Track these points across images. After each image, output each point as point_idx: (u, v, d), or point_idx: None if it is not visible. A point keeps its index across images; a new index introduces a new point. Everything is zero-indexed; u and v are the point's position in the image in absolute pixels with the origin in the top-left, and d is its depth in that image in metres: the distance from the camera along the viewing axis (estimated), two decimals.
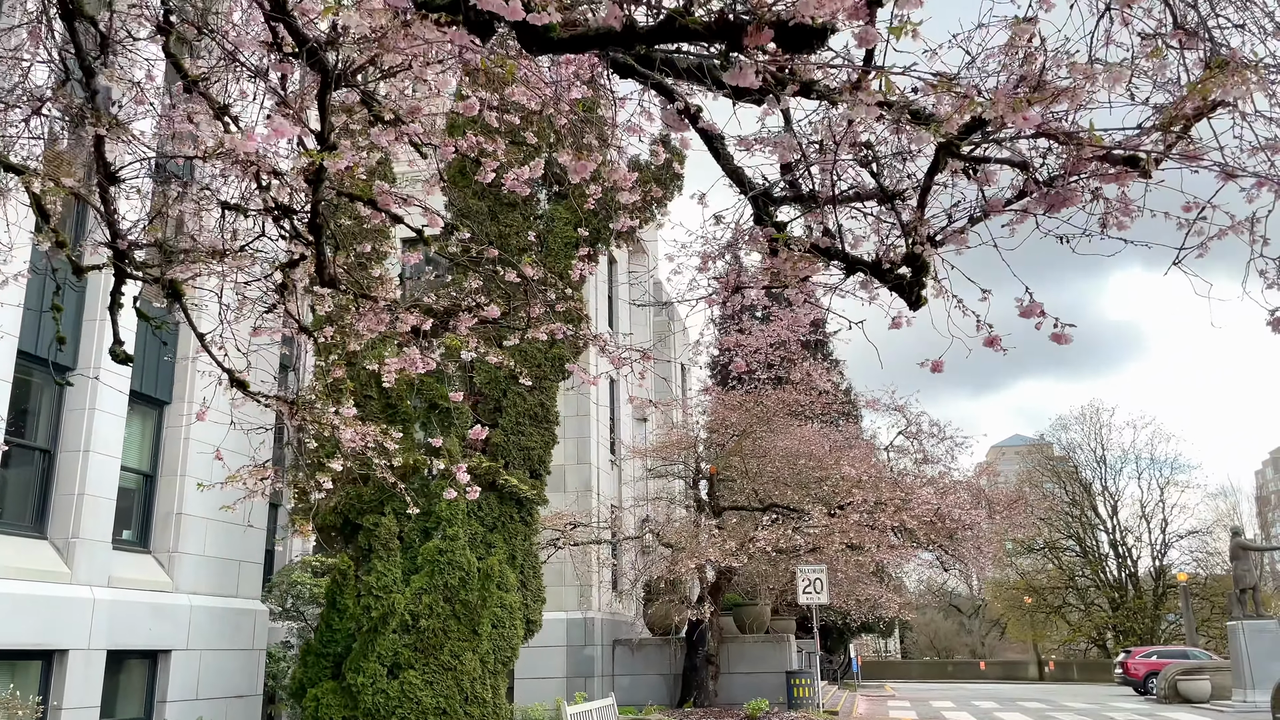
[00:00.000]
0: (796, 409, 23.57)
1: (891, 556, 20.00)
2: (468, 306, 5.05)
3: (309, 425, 5.27)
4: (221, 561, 15.86)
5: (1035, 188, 3.32)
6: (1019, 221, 3.46)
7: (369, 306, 4.76)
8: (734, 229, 4.60)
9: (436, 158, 4.47)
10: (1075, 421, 65.84)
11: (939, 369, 5.49)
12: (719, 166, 3.91)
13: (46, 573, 12.65)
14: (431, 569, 14.30)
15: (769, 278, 5.53)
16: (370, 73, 4.40)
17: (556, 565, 21.19)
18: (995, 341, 5.02)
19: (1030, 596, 63.53)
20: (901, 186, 3.70)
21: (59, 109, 4.78)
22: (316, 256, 4.54)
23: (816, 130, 3.90)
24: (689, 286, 5.29)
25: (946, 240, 3.53)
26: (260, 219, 4.83)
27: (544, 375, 16.01)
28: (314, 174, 4.42)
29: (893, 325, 6.09)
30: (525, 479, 15.57)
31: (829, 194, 3.65)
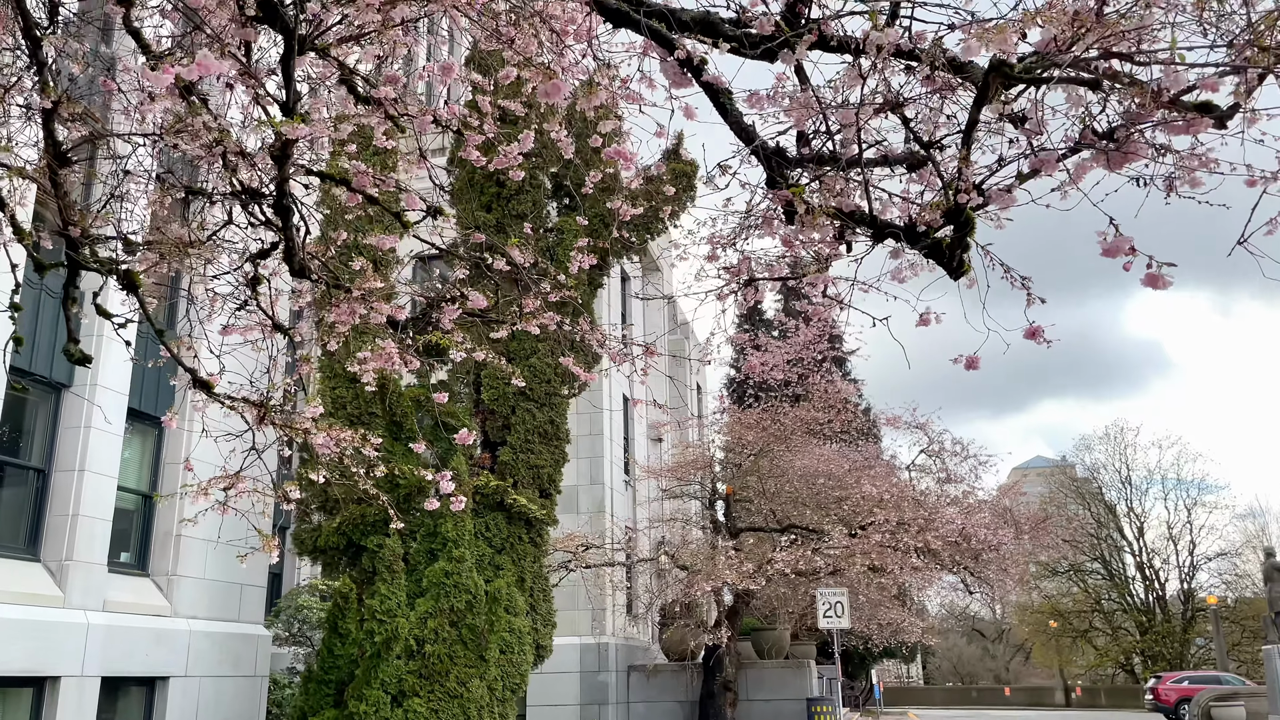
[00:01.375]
0: (815, 427, 23.01)
1: (915, 579, 19.35)
2: (451, 296, 4.59)
3: (282, 431, 4.82)
4: (223, 585, 15.42)
5: (1094, 139, 2.84)
6: (1076, 179, 2.98)
7: (342, 298, 4.32)
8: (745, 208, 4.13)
9: (415, 129, 4.03)
10: (1099, 441, 64.89)
11: (975, 365, 4.99)
12: (727, 126, 3.46)
13: (38, 596, 12.23)
14: (437, 592, 13.79)
15: (784, 267, 5.05)
16: (340, 34, 3.96)
17: (569, 589, 20.64)
18: (1037, 332, 4.52)
19: (1055, 620, 62.34)
20: (940, 134, 3.23)
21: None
22: (285, 242, 4.11)
23: (837, 90, 3.44)
24: (696, 278, 4.82)
25: (991, 200, 3.06)
26: (227, 205, 4.41)
27: (554, 391, 15.54)
28: (279, 149, 3.98)
29: (920, 322, 5.60)
30: (534, 498, 15.07)
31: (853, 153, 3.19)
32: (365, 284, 4.26)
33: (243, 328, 4.82)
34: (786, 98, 3.23)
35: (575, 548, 19.45)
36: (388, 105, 3.85)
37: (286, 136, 3.50)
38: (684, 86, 3.39)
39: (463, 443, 5.26)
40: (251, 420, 4.67)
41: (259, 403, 4.63)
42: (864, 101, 3.05)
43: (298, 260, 4.15)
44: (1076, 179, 2.98)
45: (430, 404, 15.13)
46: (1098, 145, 2.84)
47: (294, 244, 4.11)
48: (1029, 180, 3.02)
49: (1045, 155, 2.90)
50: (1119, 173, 2.86)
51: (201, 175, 4.40)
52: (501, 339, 5.44)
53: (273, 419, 4.66)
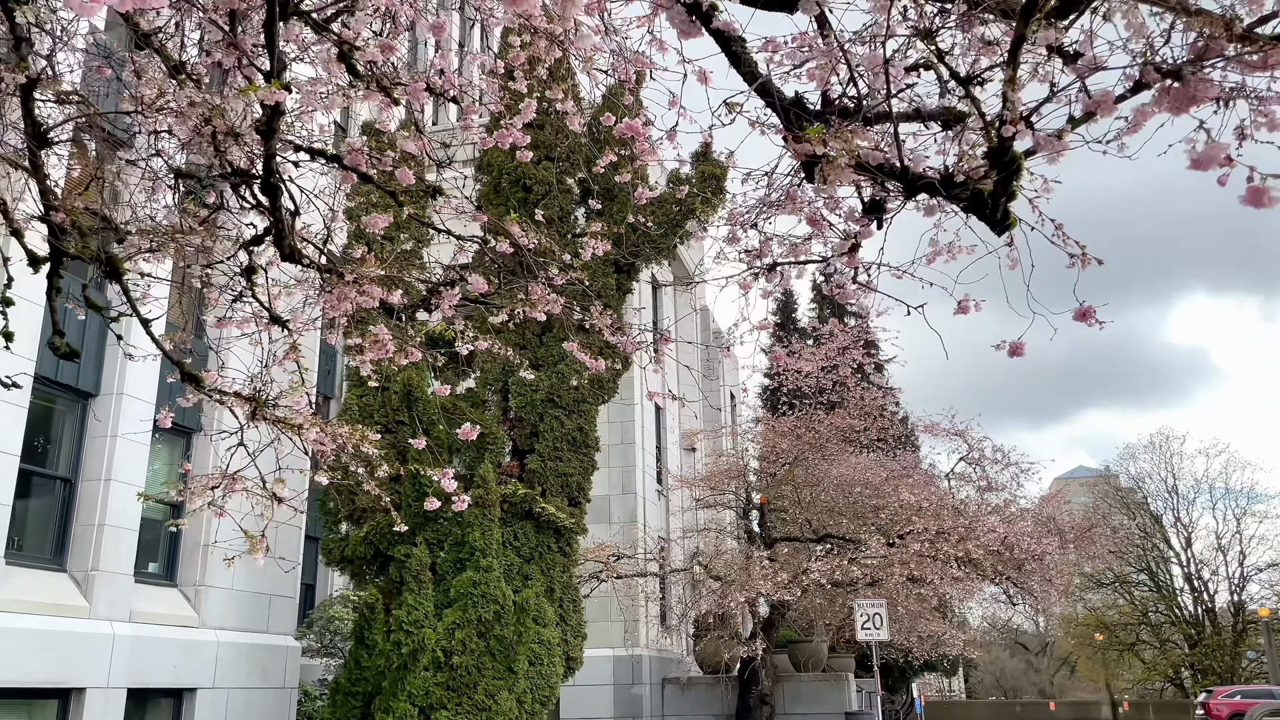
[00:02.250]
0: (850, 435, 22.53)
1: (955, 589, 18.79)
2: (449, 280, 4.31)
3: (274, 428, 4.57)
4: (252, 595, 15.27)
5: (1157, 76, 2.50)
6: (1135, 126, 2.64)
7: (333, 283, 4.06)
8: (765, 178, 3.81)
9: (407, 98, 3.77)
10: (1144, 450, 63.43)
11: (1019, 351, 4.63)
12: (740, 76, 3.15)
13: (64, 607, 12.13)
14: (465, 602, 13.53)
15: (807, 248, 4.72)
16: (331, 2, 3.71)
17: (601, 600, 20.31)
18: (1089, 313, 4.16)
19: (1101, 633, 60.91)
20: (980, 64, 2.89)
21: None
22: (274, 225, 3.86)
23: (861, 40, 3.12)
24: (715, 260, 4.51)
25: (1039, 147, 2.72)
26: (218, 189, 4.16)
27: (582, 398, 15.26)
28: (265, 122, 3.72)
29: (959, 310, 5.24)
30: (563, 507, 14.78)
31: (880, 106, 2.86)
32: (363, 269, 3.99)
33: (238, 320, 4.58)
34: (808, 46, 2.92)
35: (606, 558, 19.12)
36: (379, 72, 3.59)
37: (267, 101, 3.25)
38: (693, 36, 3.09)
39: (465, 438, 4.95)
40: (242, 416, 4.43)
41: (250, 397, 4.38)
42: (890, 31, 2.73)
43: (288, 244, 3.90)
44: (1135, 126, 2.64)
45: (458, 411, 14.91)
46: (1160, 84, 2.50)
47: (284, 226, 3.85)
48: (1083, 125, 2.68)
49: (1101, 95, 2.56)
50: (1189, 114, 2.51)
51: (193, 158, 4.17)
52: (505, 326, 5.13)
53: (264, 414, 4.42)
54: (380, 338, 4.24)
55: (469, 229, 4.14)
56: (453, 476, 14.70)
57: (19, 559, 12.02)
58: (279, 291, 4.61)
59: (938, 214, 3.34)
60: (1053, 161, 2.75)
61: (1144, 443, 65.82)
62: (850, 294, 4.60)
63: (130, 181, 4.27)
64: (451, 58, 4.05)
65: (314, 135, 4.63)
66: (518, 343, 15.68)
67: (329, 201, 4.29)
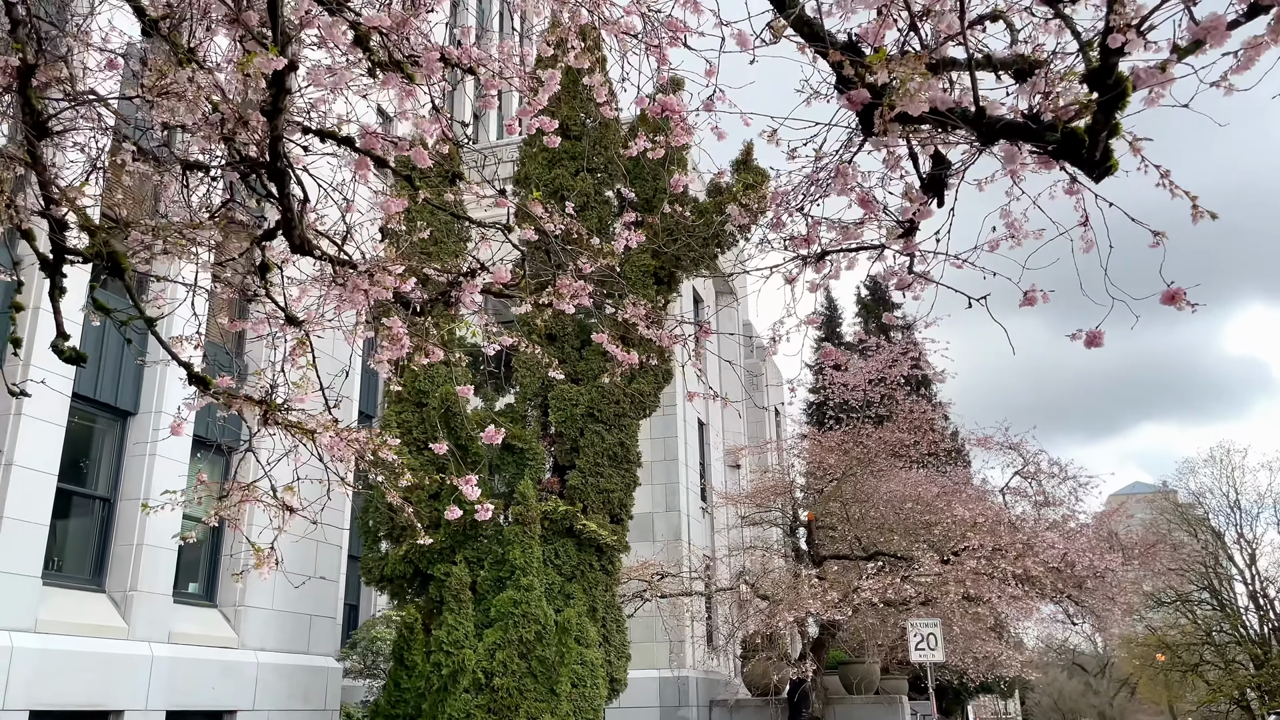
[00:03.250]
0: (899, 449, 21.94)
1: (1013, 609, 18.09)
2: (469, 270, 4.01)
3: (286, 433, 4.29)
4: (292, 616, 15.10)
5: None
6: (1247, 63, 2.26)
7: (345, 276, 3.77)
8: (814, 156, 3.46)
9: (423, 78, 3.48)
10: (1204, 464, 61.60)
11: (1097, 341, 4.22)
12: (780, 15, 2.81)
13: (102, 628, 12.01)
14: (506, 622, 13.21)
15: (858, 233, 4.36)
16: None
17: (645, 620, 19.89)
18: (1178, 296, 3.75)
19: (1163, 653, 59.04)
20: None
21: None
22: (283, 214, 3.59)
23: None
24: (758, 249, 4.16)
25: (1139, 81, 2.34)
26: (227, 179, 3.91)
27: (623, 412, 14.93)
28: (270, 102, 3.45)
29: (1025, 302, 4.85)
30: (605, 524, 14.43)
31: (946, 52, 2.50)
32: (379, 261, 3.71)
33: (254, 322, 4.31)
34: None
35: (650, 576, 18.71)
36: (390, 43, 3.31)
37: (265, 70, 2.97)
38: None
39: (489, 441, 4.64)
40: (254, 420, 4.16)
41: (261, 401, 4.11)
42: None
43: (298, 235, 3.63)
44: (1247, 62, 2.26)
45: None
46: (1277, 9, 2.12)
47: (292, 215, 3.58)
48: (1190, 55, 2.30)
49: (1211, 20, 2.19)
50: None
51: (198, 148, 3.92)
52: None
53: (275, 418, 4.14)
54: (395, 333, 3.94)
55: (490, 216, 3.85)
56: (493, 494, 14.41)
57: (58, 579, 11.93)
58: (299, 294, 4.34)
59: (1016, 165, 2.95)
60: (1153, 99, 2.36)
61: (1203, 457, 63.99)
62: (906, 281, 4.23)
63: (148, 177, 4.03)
64: (470, 33, 3.76)
65: (332, 124, 4.36)
66: (558, 356, 15.40)
67: (345, 192, 4.03)
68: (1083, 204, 4.17)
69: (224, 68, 3.92)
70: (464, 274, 3.99)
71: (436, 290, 4.09)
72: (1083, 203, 4.17)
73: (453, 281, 3.96)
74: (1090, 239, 4.34)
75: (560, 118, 16.24)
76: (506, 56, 3.98)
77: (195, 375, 4.21)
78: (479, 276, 3.93)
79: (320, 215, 4.22)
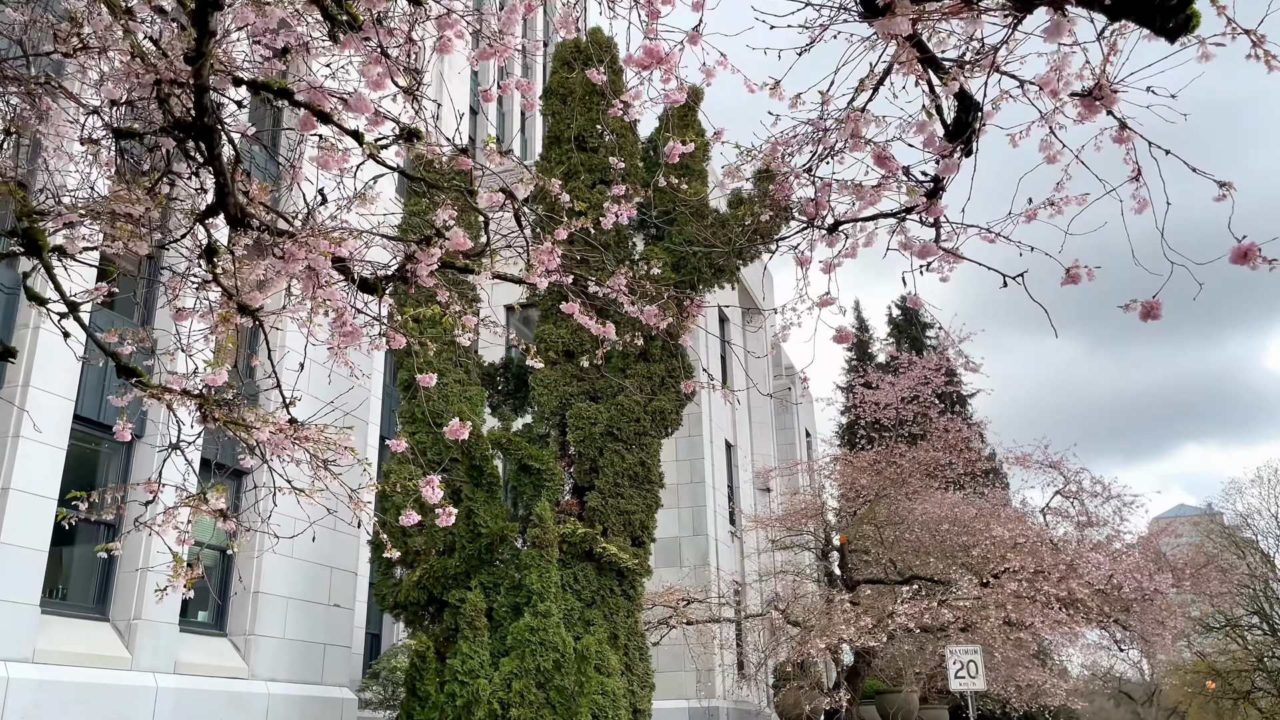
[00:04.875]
0: (934, 469, 21.18)
1: (1057, 634, 17.24)
2: (425, 237, 3.52)
3: (223, 429, 3.84)
4: (304, 645, 14.63)
5: None
6: None
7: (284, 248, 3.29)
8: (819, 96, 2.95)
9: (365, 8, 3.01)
10: (1250, 485, 59.93)
11: (1154, 313, 3.66)
12: None
13: (103, 658, 11.60)
14: (522, 650, 12.65)
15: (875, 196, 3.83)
16: None
17: (672, 648, 19.23)
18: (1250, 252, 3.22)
19: (1213, 680, 57.10)
20: None
21: None
22: (215, 180, 3.14)
23: None
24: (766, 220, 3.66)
25: None
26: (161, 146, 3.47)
27: (644, 431, 14.39)
28: (194, 46, 3.00)
29: (1068, 279, 4.30)
30: (626, 547, 13.86)
31: None
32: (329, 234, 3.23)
33: (199, 311, 3.86)
34: None
35: (676, 602, 18.07)
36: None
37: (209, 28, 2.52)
38: None
39: (453, 436, 4.13)
40: (190, 416, 3.70)
41: (199, 394, 3.65)
42: None
43: (233, 203, 3.17)
44: None
45: (514, 446, 14.18)
46: None
47: (225, 180, 3.13)
48: None
49: None
50: None
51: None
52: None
53: (213, 414, 3.68)
54: (344, 316, 3.42)
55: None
56: (509, 517, 13.88)
57: (58, 607, 11.55)
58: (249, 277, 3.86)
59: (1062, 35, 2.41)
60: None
61: (1250, 477, 62.16)
62: (932, 250, 3.68)
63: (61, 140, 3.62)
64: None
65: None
66: (574, 374, 14.93)
67: (289, 155, 3.58)
68: (1134, 154, 3.62)
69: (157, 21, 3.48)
70: (418, 242, 3.50)
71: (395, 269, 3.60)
72: (1134, 153, 3.62)
73: (409, 255, 3.49)
74: (1143, 198, 3.78)
75: (577, 129, 15.85)
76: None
77: (124, 366, 3.77)
78: (435, 245, 3.44)
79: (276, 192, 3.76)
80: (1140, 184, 3.68)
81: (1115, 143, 3.47)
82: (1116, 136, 3.49)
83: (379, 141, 3.38)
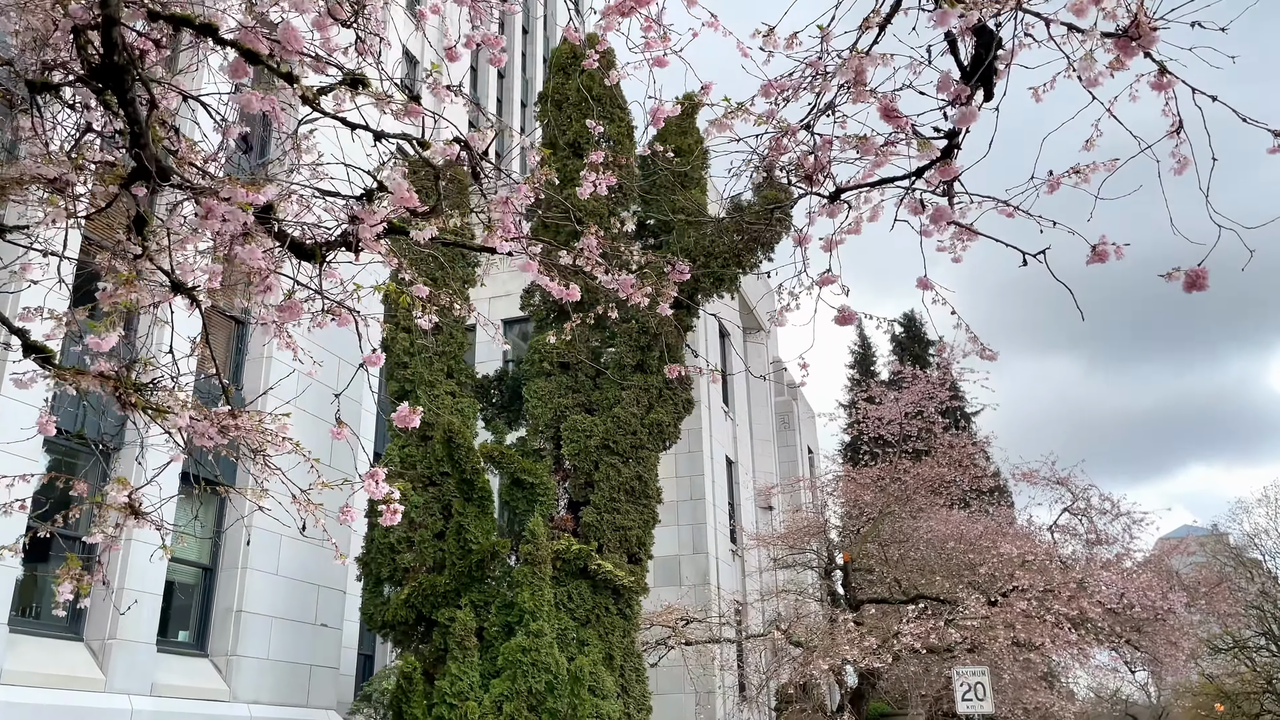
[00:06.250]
0: (939, 485, 20.71)
1: (1067, 654, 16.73)
2: (365, 192, 3.12)
3: (142, 415, 3.43)
4: (289, 666, 14.14)
5: None
6: None
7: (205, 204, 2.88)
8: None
9: None
10: (1257, 505, 59.31)
11: (1199, 283, 3.25)
12: None
13: (76, 679, 11.13)
14: (514, 671, 12.16)
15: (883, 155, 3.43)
16: None
17: (670, 669, 18.71)
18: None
19: (1222, 703, 56.27)
20: None
21: None
22: (129, 128, 2.75)
23: None
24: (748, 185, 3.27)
25: None
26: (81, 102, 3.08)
27: (640, 444, 13.96)
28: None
29: (1094, 258, 3.91)
30: (622, 564, 13.40)
31: None
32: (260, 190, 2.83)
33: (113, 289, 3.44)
34: None
35: (674, 622, 17.56)
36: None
37: None
38: None
39: (402, 424, 3.70)
40: (103, 398, 3.30)
41: (114, 377, 3.25)
42: None
43: (149, 156, 2.78)
44: None
45: (506, 459, 13.75)
46: None
47: (140, 128, 2.74)
48: None
49: None
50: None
51: None
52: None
53: (128, 397, 3.28)
54: (260, 272, 3.01)
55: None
56: (501, 533, 13.42)
57: (28, 626, 11.10)
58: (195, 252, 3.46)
59: None
60: None
61: (1256, 497, 61.53)
62: (945, 214, 3.27)
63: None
64: None
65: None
66: (570, 385, 14.52)
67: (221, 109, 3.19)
68: (1175, 105, 3.22)
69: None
70: (357, 198, 3.10)
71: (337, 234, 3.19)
72: (1175, 103, 3.22)
73: (353, 217, 3.09)
74: (1184, 156, 3.38)
75: (572, 135, 15.52)
76: None
77: (31, 344, 3.36)
78: (377, 201, 3.03)
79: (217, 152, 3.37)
80: (1181, 139, 3.28)
81: (1153, 89, 3.07)
82: (1155, 83, 3.08)
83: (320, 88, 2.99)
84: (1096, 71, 2.73)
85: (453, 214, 3.15)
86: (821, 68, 2.95)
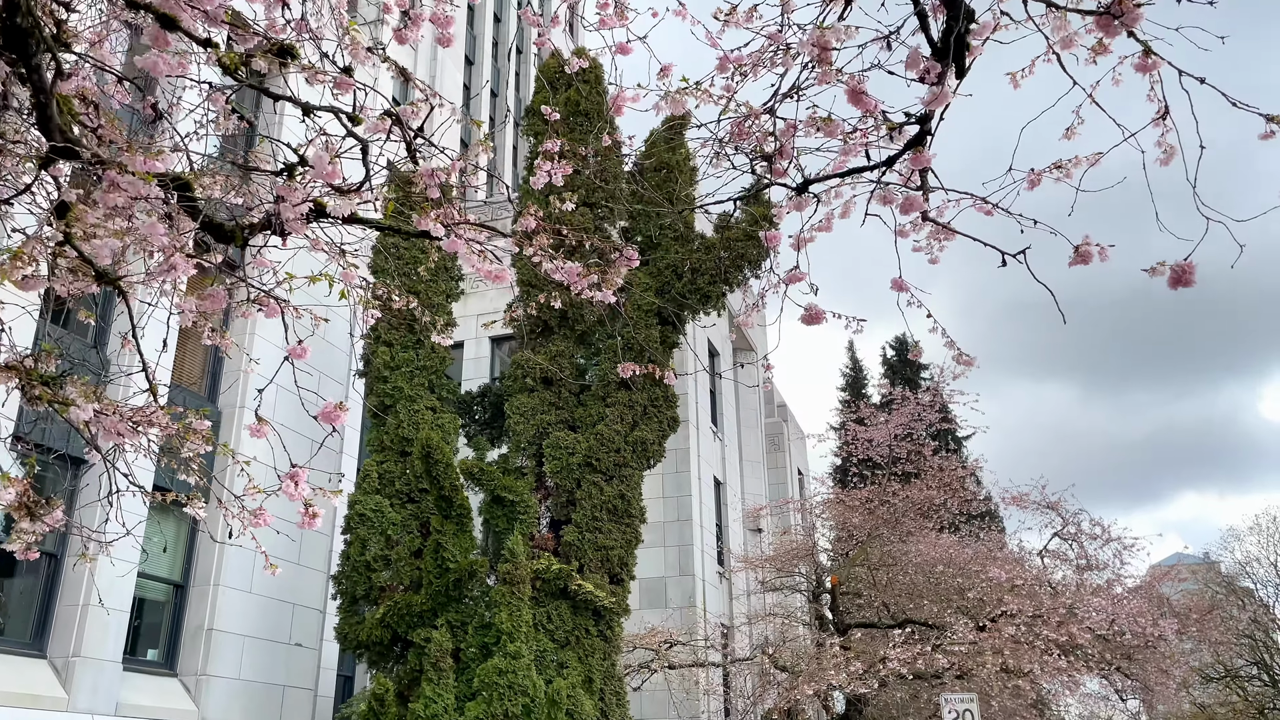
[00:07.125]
0: (928, 509, 20.48)
1: (1056, 681, 16.44)
2: (286, 167, 2.89)
3: (43, 405, 3.21)
4: (262, 687, 13.81)
5: None
6: None
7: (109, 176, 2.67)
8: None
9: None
10: (1249, 533, 59.11)
11: (1185, 278, 3.06)
12: None
13: (38, 698, 10.80)
14: (490, 694, 11.85)
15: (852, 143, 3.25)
16: None
17: (654, 693, 18.38)
18: None
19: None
20: None
21: None
22: (32, 92, 2.54)
23: None
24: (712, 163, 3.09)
25: None
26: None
27: (624, 462, 13.72)
28: None
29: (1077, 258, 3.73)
30: (603, 584, 13.12)
31: None
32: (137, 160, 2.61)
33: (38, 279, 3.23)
34: None
35: (658, 645, 17.25)
36: None
37: None
38: None
39: (329, 421, 3.46)
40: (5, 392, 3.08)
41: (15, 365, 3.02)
42: None
43: (55, 126, 2.58)
44: None
45: (487, 476, 13.50)
46: None
47: (45, 93, 2.53)
48: None
49: None
50: None
51: None
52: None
53: (34, 389, 3.06)
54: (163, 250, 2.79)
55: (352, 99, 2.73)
56: (481, 551, 13.13)
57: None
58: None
59: None
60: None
61: (1248, 524, 61.29)
62: (918, 204, 3.08)
63: None
64: None
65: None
66: (553, 402, 14.29)
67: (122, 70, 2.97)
68: (1160, 88, 3.03)
69: None
70: (276, 173, 2.88)
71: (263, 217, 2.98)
72: (1160, 86, 3.03)
73: (277, 195, 2.88)
74: (1169, 145, 3.19)
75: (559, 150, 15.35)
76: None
77: None
78: (300, 176, 2.81)
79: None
80: (1167, 126, 3.09)
81: (1137, 70, 2.88)
82: (1139, 64, 2.90)
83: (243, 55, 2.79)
84: (1071, 33, 2.54)
85: (389, 194, 2.94)
86: (782, 40, 2.77)
